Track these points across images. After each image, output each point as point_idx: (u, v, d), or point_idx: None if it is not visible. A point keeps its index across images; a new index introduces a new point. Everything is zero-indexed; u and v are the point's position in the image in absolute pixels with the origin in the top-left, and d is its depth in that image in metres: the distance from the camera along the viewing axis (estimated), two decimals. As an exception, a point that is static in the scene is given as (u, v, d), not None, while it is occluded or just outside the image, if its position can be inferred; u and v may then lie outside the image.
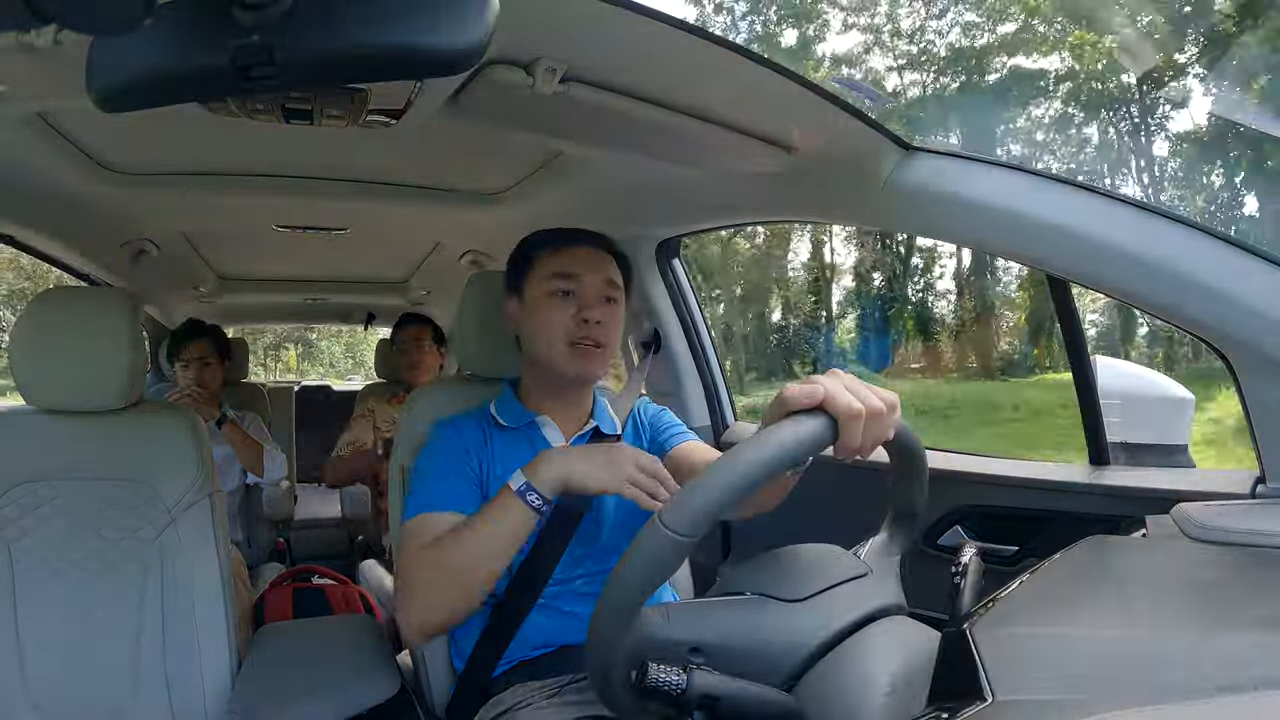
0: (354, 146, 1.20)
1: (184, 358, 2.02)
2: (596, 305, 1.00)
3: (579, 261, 1.01)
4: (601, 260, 1.03)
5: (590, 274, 1.01)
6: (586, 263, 1.01)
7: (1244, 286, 0.78)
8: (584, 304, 0.99)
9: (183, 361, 2.02)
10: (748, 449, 0.54)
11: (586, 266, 1.01)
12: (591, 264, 1.02)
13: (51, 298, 1.13)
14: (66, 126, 1.06)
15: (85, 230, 1.53)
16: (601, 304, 1.00)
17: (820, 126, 0.92)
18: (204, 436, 1.13)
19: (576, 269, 1.01)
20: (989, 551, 1.05)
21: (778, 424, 0.56)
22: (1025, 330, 14.04)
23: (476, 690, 0.97)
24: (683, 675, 0.53)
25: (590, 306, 0.99)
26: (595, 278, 1.01)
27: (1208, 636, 0.46)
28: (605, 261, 1.03)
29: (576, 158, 1.20)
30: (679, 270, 1.63)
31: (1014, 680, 0.44)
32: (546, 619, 0.97)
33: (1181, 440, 1.04)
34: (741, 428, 1.65)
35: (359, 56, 0.41)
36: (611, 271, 1.03)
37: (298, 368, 19.85)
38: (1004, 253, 1.01)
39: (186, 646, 1.05)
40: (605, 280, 1.02)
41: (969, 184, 0.93)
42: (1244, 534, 0.65)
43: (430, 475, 0.99)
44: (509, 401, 1.06)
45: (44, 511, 1.04)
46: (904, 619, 0.65)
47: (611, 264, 1.04)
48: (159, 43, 0.40)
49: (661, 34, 0.74)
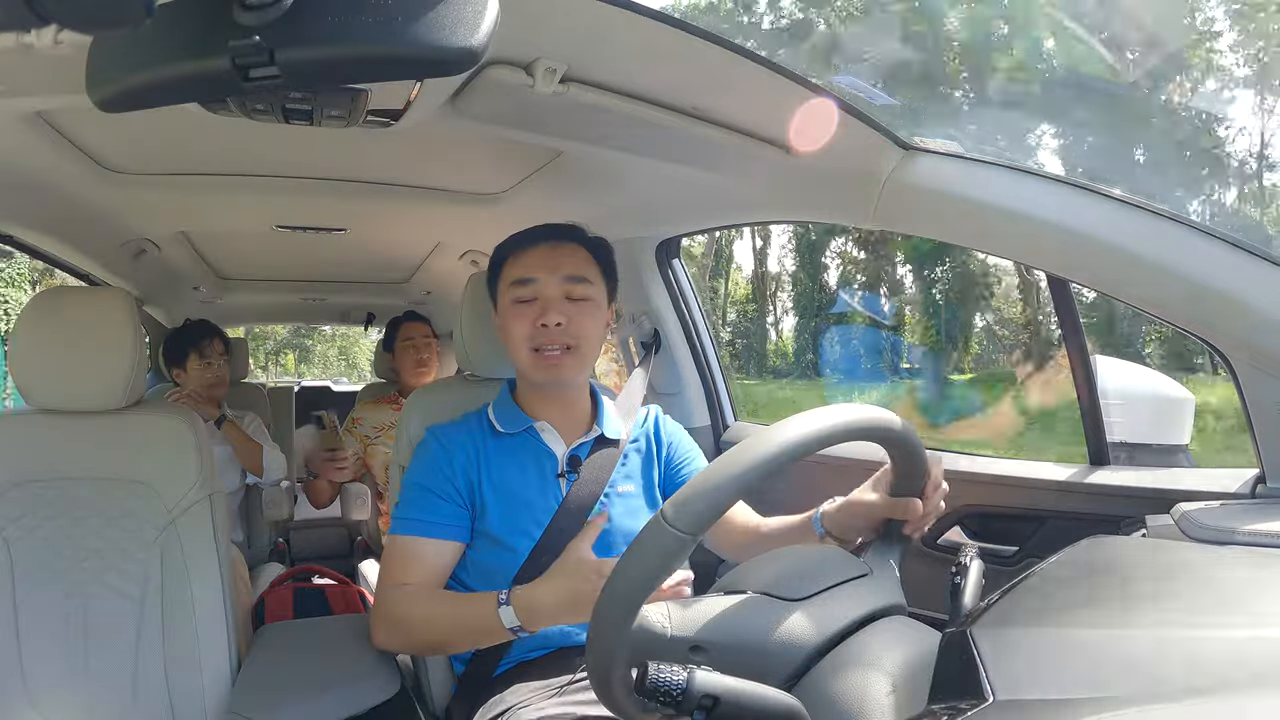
0: (354, 146, 1.20)
1: (206, 356, 2.05)
2: (555, 308, 0.97)
3: (536, 263, 0.99)
4: (562, 256, 1.00)
5: (548, 274, 0.98)
6: (545, 263, 0.99)
7: (1244, 286, 0.78)
8: (542, 308, 0.97)
9: (205, 360, 2.04)
10: (753, 446, 0.55)
11: (545, 267, 0.99)
12: (550, 263, 0.99)
13: (51, 298, 1.13)
14: (66, 126, 1.06)
15: (85, 230, 1.53)
16: (562, 304, 0.98)
17: (820, 126, 0.92)
18: (204, 437, 1.13)
19: (532, 273, 0.99)
20: (989, 551, 1.05)
21: (782, 422, 0.57)
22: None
23: (476, 690, 0.97)
24: (683, 675, 0.53)
25: (548, 310, 0.97)
26: (553, 277, 0.98)
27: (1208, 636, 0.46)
28: (567, 255, 1.01)
29: (576, 158, 1.20)
30: (679, 270, 1.63)
31: (1014, 680, 0.44)
32: None
33: (1182, 440, 1.04)
34: (742, 427, 1.65)
35: (359, 57, 0.41)
36: (575, 265, 1.00)
37: (295, 369, 20.32)
38: (1004, 253, 1.01)
39: (186, 646, 1.04)
40: (566, 277, 0.99)
41: (969, 184, 0.93)
42: (1244, 534, 0.65)
43: (413, 491, 0.99)
44: (507, 405, 1.06)
45: (44, 511, 1.04)
46: (904, 619, 0.65)
47: (579, 256, 1.01)
48: (159, 43, 0.40)
49: (661, 34, 0.74)
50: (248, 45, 0.39)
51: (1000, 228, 0.92)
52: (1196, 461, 1.01)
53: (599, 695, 0.56)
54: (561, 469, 1.01)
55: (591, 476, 1.00)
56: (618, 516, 1.01)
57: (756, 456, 0.54)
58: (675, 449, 1.12)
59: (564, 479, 1.01)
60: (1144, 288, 0.85)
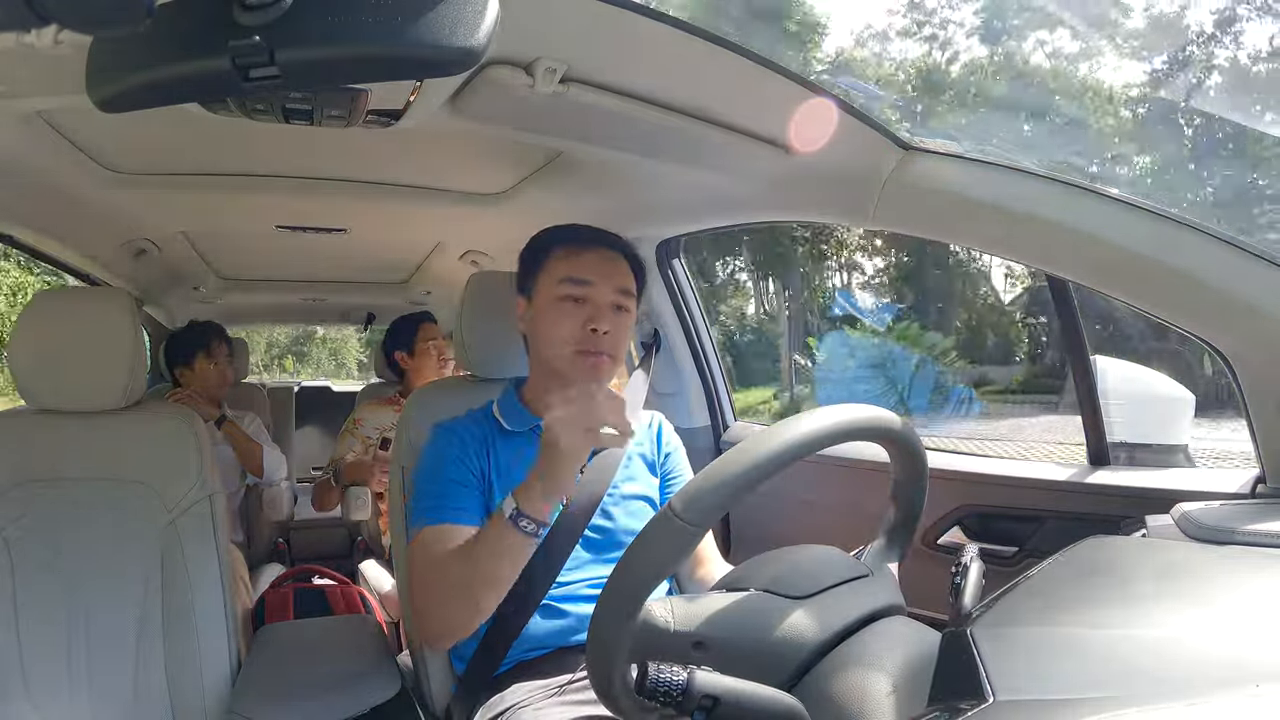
0: (354, 146, 1.20)
1: (214, 356, 2.08)
2: (607, 315, 0.97)
3: (592, 267, 0.98)
4: (615, 265, 1.00)
5: (603, 281, 0.98)
6: (600, 269, 0.98)
7: (1244, 286, 0.78)
8: (595, 313, 0.96)
9: (213, 360, 2.08)
10: (760, 442, 0.55)
11: (600, 273, 0.98)
12: (605, 270, 0.99)
13: (51, 298, 1.13)
14: (66, 126, 1.05)
15: (85, 230, 1.53)
16: (612, 313, 0.98)
17: (820, 126, 0.92)
18: (204, 437, 1.13)
19: (590, 275, 0.97)
20: (989, 551, 1.05)
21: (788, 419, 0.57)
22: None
23: (476, 690, 0.97)
24: (683, 675, 0.53)
25: (601, 317, 0.96)
26: (608, 286, 0.98)
27: (1208, 636, 0.46)
28: (619, 267, 1.00)
29: (576, 158, 1.20)
30: (679, 270, 1.63)
31: (1014, 680, 0.44)
32: (548, 620, 0.96)
33: (1182, 440, 1.04)
34: (742, 427, 1.65)
35: (359, 57, 0.41)
36: (625, 278, 1.00)
37: (292, 369, 21.56)
38: (1004, 253, 1.01)
39: (186, 646, 1.05)
40: (618, 289, 0.99)
41: (969, 184, 0.93)
42: (1244, 534, 0.65)
43: (431, 483, 0.98)
44: (512, 403, 1.05)
45: (44, 512, 1.04)
46: (904, 619, 0.65)
47: (625, 269, 1.01)
48: (159, 43, 0.40)
49: (661, 34, 0.74)
50: (248, 45, 0.39)
51: (1000, 228, 0.92)
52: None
53: (599, 695, 0.56)
54: None
55: (595, 476, 1.00)
56: (620, 518, 1.01)
57: (764, 453, 0.55)
58: (672, 459, 1.12)
59: None
60: (1144, 287, 0.85)
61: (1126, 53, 13.60)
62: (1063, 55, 15.13)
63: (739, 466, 0.54)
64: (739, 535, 1.57)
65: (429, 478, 0.99)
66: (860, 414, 0.63)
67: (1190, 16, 12.97)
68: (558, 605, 0.97)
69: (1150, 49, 13.35)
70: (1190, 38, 13.17)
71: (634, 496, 1.04)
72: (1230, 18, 12.88)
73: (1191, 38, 13.17)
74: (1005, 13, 14.82)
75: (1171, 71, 13.48)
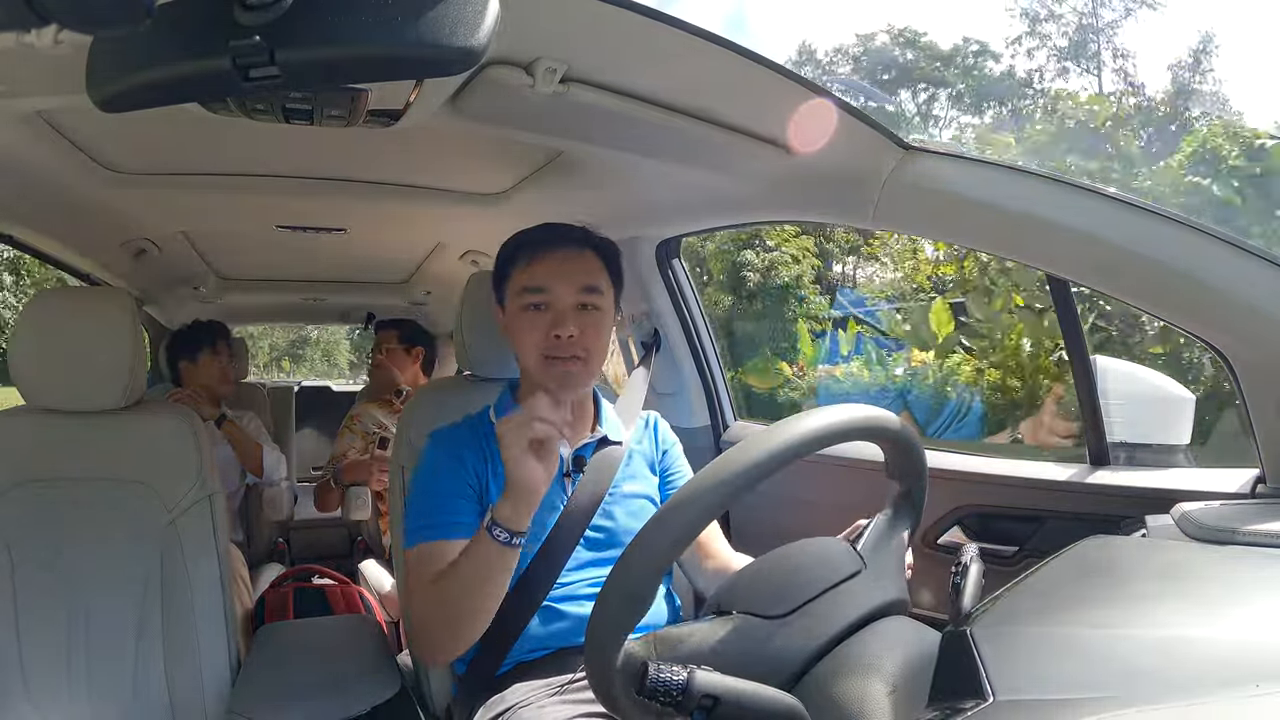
0: (354, 146, 1.20)
1: (219, 354, 2.10)
2: (570, 319, 0.96)
3: (549, 272, 0.97)
4: (577, 264, 0.99)
5: (561, 284, 0.97)
6: (558, 272, 0.97)
7: (1244, 286, 0.78)
8: (556, 318, 0.96)
9: (218, 357, 2.10)
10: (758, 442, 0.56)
11: (558, 276, 0.97)
12: (564, 272, 0.97)
13: (51, 298, 1.13)
14: (66, 126, 1.05)
15: (85, 230, 1.53)
16: (576, 314, 0.97)
17: (820, 126, 0.92)
18: (204, 437, 1.13)
19: (545, 281, 0.97)
20: (989, 551, 1.05)
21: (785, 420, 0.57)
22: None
23: (476, 690, 0.97)
24: (683, 675, 0.53)
25: (563, 321, 0.95)
26: (568, 288, 0.97)
27: (1208, 636, 0.46)
28: (582, 264, 0.99)
29: (576, 158, 1.20)
30: (679, 270, 1.63)
31: (1014, 680, 0.44)
32: (549, 621, 0.96)
33: (1182, 440, 1.04)
34: (742, 427, 1.65)
35: (359, 57, 0.41)
36: (589, 274, 0.99)
37: (290, 369, 22.36)
38: (1003, 252, 1.01)
39: (186, 646, 1.05)
40: (580, 288, 0.97)
41: (968, 184, 0.93)
42: (1244, 534, 0.65)
43: (427, 497, 0.98)
44: (507, 406, 1.05)
45: (44, 512, 1.04)
46: (904, 619, 0.65)
47: (591, 263, 1.00)
48: (159, 43, 0.40)
49: (661, 34, 0.74)
50: (248, 45, 0.39)
51: (1000, 228, 0.92)
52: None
53: (599, 695, 0.56)
54: (567, 469, 1.01)
55: (595, 477, 1.00)
56: (621, 517, 1.01)
57: (762, 453, 0.55)
58: (670, 456, 1.12)
59: (570, 479, 1.01)
60: (1143, 287, 0.85)
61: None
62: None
63: (739, 465, 0.55)
64: (739, 531, 1.57)
65: (423, 491, 0.99)
66: (858, 414, 0.63)
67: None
68: (559, 606, 0.96)
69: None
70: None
71: (635, 495, 1.04)
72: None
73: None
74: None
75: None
